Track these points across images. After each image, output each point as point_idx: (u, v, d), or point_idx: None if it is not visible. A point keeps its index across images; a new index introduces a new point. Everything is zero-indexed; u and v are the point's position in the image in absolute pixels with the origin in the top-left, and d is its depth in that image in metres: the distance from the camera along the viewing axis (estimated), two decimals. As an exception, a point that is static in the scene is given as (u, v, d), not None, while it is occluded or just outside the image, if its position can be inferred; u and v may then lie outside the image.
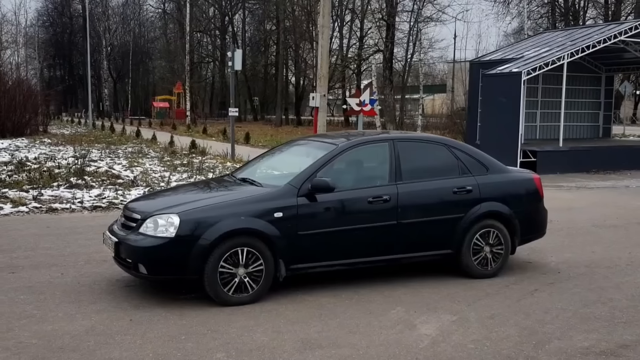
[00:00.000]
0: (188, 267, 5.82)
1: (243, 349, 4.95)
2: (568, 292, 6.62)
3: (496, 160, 7.42)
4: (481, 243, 6.98)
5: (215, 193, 6.62)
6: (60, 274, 7.06)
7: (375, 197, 6.49)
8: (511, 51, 21.69)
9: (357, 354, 4.87)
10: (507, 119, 18.13)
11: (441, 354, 4.89)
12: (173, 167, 17.43)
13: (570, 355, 4.92)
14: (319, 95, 13.22)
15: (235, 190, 6.50)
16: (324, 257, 6.35)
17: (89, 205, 11.41)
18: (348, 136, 7.14)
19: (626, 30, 19.26)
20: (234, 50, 18.92)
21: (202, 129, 35.46)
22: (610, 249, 8.68)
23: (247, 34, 59.61)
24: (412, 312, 5.87)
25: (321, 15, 13.34)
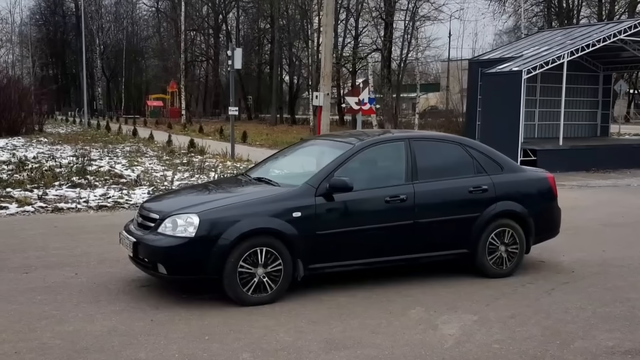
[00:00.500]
0: (207, 267, 5.79)
1: (268, 349, 4.93)
2: (584, 291, 6.63)
3: (510, 159, 7.43)
4: (496, 242, 6.99)
5: (233, 193, 6.60)
6: (75, 273, 7.02)
7: (392, 197, 6.48)
8: (510, 50, 21.74)
9: (383, 355, 4.86)
10: (508, 118, 18.17)
11: (467, 355, 4.88)
12: (173, 166, 17.37)
13: (596, 355, 4.93)
14: (322, 94, 13.20)
15: (253, 190, 6.48)
16: (342, 257, 6.34)
17: (94, 205, 11.36)
18: (363, 136, 7.13)
19: (625, 29, 19.35)
20: (234, 49, 18.87)
21: (199, 128, 35.36)
22: (620, 248, 8.70)
23: (241, 32, 59.41)
24: (432, 312, 5.87)
25: (324, 14, 13.32)
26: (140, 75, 74.36)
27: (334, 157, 6.54)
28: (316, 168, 6.61)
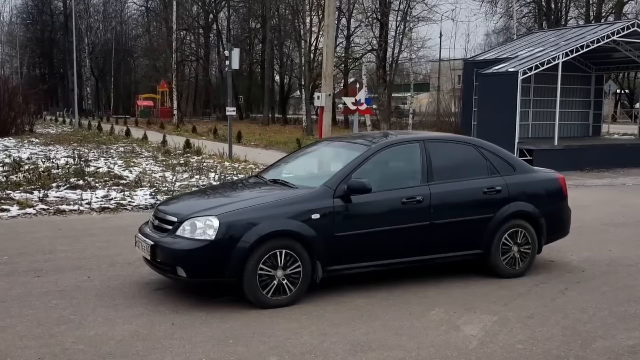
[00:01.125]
0: (227, 269, 5.79)
1: (294, 352, 4.93)
2: (597, 290, 6.69)
3: (521, 159, 7.48)
4: (509, 243, 7.04)
5: (250, 195, 6.59)
6: (87, 277, 6.98)
7: (409, 198, 6.50)
8: (505, 51, 21.86)
9: (410, 356, 4.88)
10: (504, 118, 18.28)
11: (493, 356, 4.92)
12: (171, 167, 17.29)
13: (618, 354, 4.98)
14: (324, 94, 13.21)
15: (270, 192, 6.47)
16: (360, 259, 6.36)
17: (96, 207, 11.29)
18: (377, 137, 7.14)
19: (618, 30, 19.52)
20: (232, 49, 18.82)
21: (192, 128, 35.26)
22: (625, 247, 8.78)
23: (231, 32, 59.22)
24: (452, 313, 5.89)
25: (326, 15, 13.33)
26: (129, 74, 74.00)
27: (350, 159, 6.55)
28: (332, 170, 6.62)
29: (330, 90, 13.56)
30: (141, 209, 11.35)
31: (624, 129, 36.79)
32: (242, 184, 7.26)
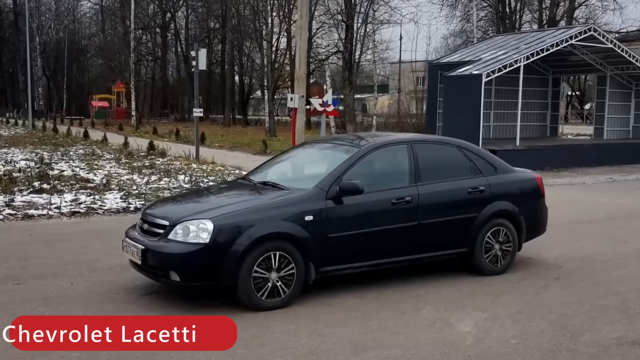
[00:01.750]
0: (222, 273, 5.80)
1: (297, 354, 4.99)
2: (576, 286, 6.93)
3: (502, 160, 7.69)
4: (492, 241, 7.23)
5: (241, 197, 6.59)
6: (70, 283, 6.87)
7: (399, 199, 6.62)
8: (468, 53, 22.27)
9: (410, 354, 4.99)
10: (468, 119, 18.61)
11: (489, 351, 5.06)
12: (137, 169, 17.06)
13: (606, 346, 5.18)
14: (297, 96, 13.25)
15: (262, 195, 6.49)
16: (352, 259, 6.45)
17: (66, 211, 11.08)
18: (364, 138, 7.24)
19: (576, 34, 20.12)
20: (199, 50, 18.68)
21: (153, 130, 34.77)
22: (595, 244, 9.09)
23: (190, 32, 58.67)
24: (443, 311, 6.03)
25: (299, 16, 13.38)
26: (82, 74, 72.50)
27: (340, 161, 6.63)
28: (321, 172, 6.68)
29: (304, 91, 13.62)
30: (113, 213, 11.20)
31: (577, 130, 37.84)
32: (230, 186, 7.25)
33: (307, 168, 7.22)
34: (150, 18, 57.02)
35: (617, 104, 23.48)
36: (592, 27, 20.58)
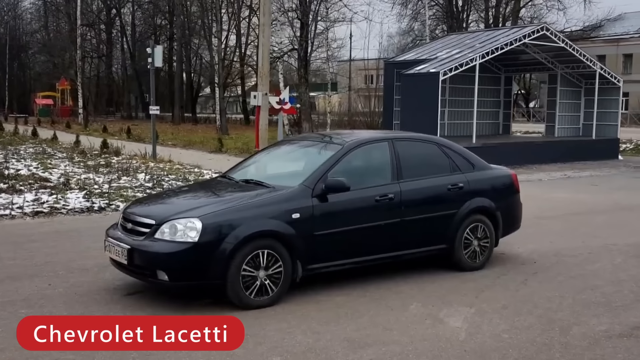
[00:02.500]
0: (210, 271, 5.71)
1: (295, 352, 4.94)
2: (554, 280, 7.08)
3: (478, 157, 7.79)
4: (471, 237, 7.32)
5: (227, 196, 6.48)
6: (48, 284, 6.66)
7: (382, 196, 6.64)
8: (424, 52, 22.54)
9: (408, 350, 5.00)
10: (426, 117, 18.84)
11: (485, 346, 5.12)
12: (93, 168, 16.63)
13: (596, 339, 5.31)
14: (260, 94, 13.16)
15: (247, 193, 6.39)
16: (337, 257, 6.44)
17: (29, 211, 10.72)
18: (346, 136, 7.23)
19: (529, 33, 20.60)
20: (154, 47, 18.36)
21: (102, 128, 33.95)
22: (564, 239, 9.31)
23: (137, 28, 57.52)
24: (430, 307, 6.07)
25: (261, 14, 13.27)
26: (24, 71, 70.26)
27: (322, 158, 6.61)
28: (304, 169, 6.64)
29: (267, 89, 13.52)
30: (77, 213, 10.89)
31: (524, 127, 38.70)
32: (212, 185, 7.12)
33: (288, 166, 7.16)
34: (95, 15, 55.60)
35: (567, 102, 24.17)
36: (544, 26, 21.09)
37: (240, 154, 23.06)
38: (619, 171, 19.61)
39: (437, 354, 4.95)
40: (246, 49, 45.73)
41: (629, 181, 17.17)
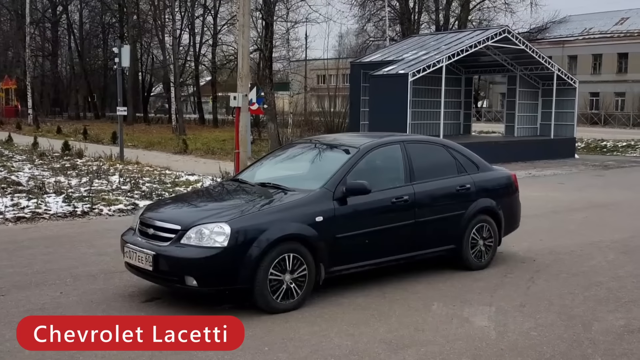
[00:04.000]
0: (239, 276, 5.68)
1: (338, 354, 4.97)
2: (560, 278, 7.29)
3: (481, 158, 7.97)
4: (477, 237, 7.48)
5: (249, 200, 6.41)
6: (60, 293, 6.50)
7: (398, 198, 6.73)
8: (389, 53, 22.80)
9: (446, 350, 5.09)
10: (395, 118, 19.09)
11: (518, 343, 5.26)
12: (61, 171, 16.17)
13: (618, 334, 5.51)
14: (240, 95, 13.02)
15: (269, 196, 6.36)
16: (358, 259, 6.50)
17: (11, 217, 10.38)
18: (360, 138, 7.29)
19: (492, 36, 21.11)
20: (121, 47, 18.01)
21: (57, 129, 33.02)
22: (552, 237, 9.59)
23: (85, 26, 56.06)
24: (452, 306, 6.19)
25: (241, 14, 13.16)
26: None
27: (339, 161, 6.65)
28: (321, 172, 6.66)
29: (247, 90, 13.41)
30: (60, 218, 10.60)
31: (481, 127, 39.53)
32: (228, 189, 7.03)
33: (301, 169, 7.15)
34: (41, 12, 53.96)
35: (526, 102, 24.83)
36: (506, 29, 21.63)
37: (206, 156, 22.88)
38: (579, 169, 20.27)
39: (476, 353, 5.06)
40: (200, 48, 45.27)
41: (592, 179, 17.77)
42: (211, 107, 47.23)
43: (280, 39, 27.45)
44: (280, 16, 31.45)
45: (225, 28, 43.01)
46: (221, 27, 43.07)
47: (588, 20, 58.66)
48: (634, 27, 55.56)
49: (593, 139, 31.02)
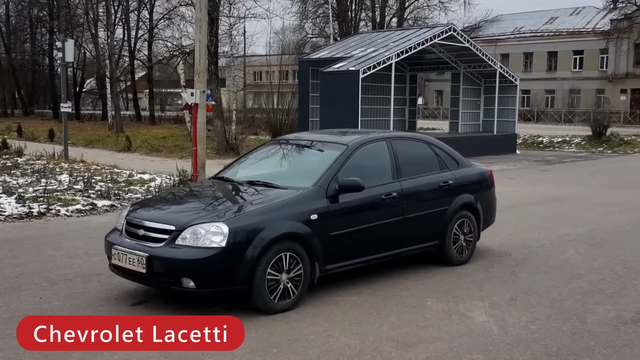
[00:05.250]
0: (238, 277, 5.52)
1: (350, 354, 4.89)
2: (540, 271, 7.40)
3: (460, 154, 8.03)
4: (458, 232, 7.54)
5: (242, 198, 6.23)
6: (39, 298, 6.18)
7: (387, 194, 6.69)
8: (337, 50, 22.80)
9: (454, 347, 5.09)
10: (346, 115, 19.12)
11: (522, 337, 5.30)
12: (4, 170, 15.40)
13: (614, 325, 5.63)
14: (198, 91, 12.69)
15: (261, 195, 6.19)
16: (350, 256, 6.44)
17: (-40, 218, 9.81)
18: (345, 135, 7.20)
19: (439, 34, 21.42)
20: (65, 41, 17.28)
21: (-12, 126, 31.54)
22: (519, 230, 9.77)
23: (11, 20, 53.67)
24: (446, 302, 6.20)
25: (198, 9, 12.83)
26: None
27: (327, 158, 6.56)
28: (310, 170, 6.55)
29: (205, 86, 13.08)
30: (16, 219, 10.08)
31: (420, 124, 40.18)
32: (215, 187, 6.78)
33: (288, 167, 7.01)
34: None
35: (469, 99, 25.35)
36: (451, 27, 22.01)
37: (151, 153, 22.34)
38: (524, 165, 20.84)
39: (485, 349, 5.07)
40: (136, 43, 44.15)
41: (540, 174, 18.29)
42: (147, 103, 46.13)
43: (225, 34, 26.95)
44: (221, 11, 31.05)
45: (162, 23, 42.03)
46: (157, 21, 42.10)
47: (519, 20, 60.51)
48: (563, 26, 57.72)
49: (529, 135, 31.96)
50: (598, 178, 17.16)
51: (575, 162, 21.88)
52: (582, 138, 29.32)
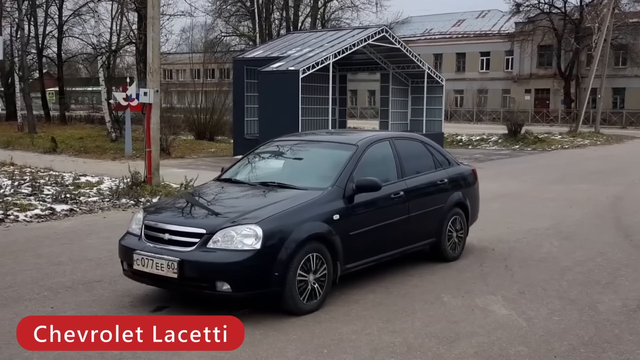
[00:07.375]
0: (271, 279, 5.44)
1: (397, 352, 4.95)
2: (530, 265, 7.69)
3: (449, 154, 8.24)
4: (452, 229, 7.74)
5: (266, 200, 6.04)
6: (51, 307, 5.89)
7: (395, 193, 6.78)
8: (272, 49, 22.69)
9: (493, 340, 5.23)
10: (286, 115, 19.05)
11: (552, 328, 5.51)
12: None
13: (625, 313, 5.95)
14: (152, 90, 12.28)
15: (283, 195, 6.09)
16: (367, 255, 6.51)
17: None
18: (352, 135, 7.24)
19: (372, 35, 21.77)
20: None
21: None
22: (490, 226, 9.85)
23: None
24: (461, 297, 6.35)
25: (150, 6, 12.42)
26: None
27: (338, 158, 6.57)
28: (323, 170, 6.55)
29: (158, 85, 12.67)
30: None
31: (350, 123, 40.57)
32: (228, 189, 6.56)
33: (297, 168, 6.91)
34: None
35: (398, 99, 25.91)
36: (384, 28, 22.45)
37: (80, 155, 21.42)
38: (456, 163, 21.47)
39: (523, 341, 5.23)
40: (44, 40, 42.12)
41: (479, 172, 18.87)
42: (55, 102, 44.13)
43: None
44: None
45: (72, 19, 40.37)
46: (67, 18, 40.37)
47: (429, 22, 62.41)
48: (470, 29, 60.05)
49: (448, 134, 32.99)
50: (532, 174, 17.98)
51: (502, 160, 22.78)
52: (499, 136, 30.58)
